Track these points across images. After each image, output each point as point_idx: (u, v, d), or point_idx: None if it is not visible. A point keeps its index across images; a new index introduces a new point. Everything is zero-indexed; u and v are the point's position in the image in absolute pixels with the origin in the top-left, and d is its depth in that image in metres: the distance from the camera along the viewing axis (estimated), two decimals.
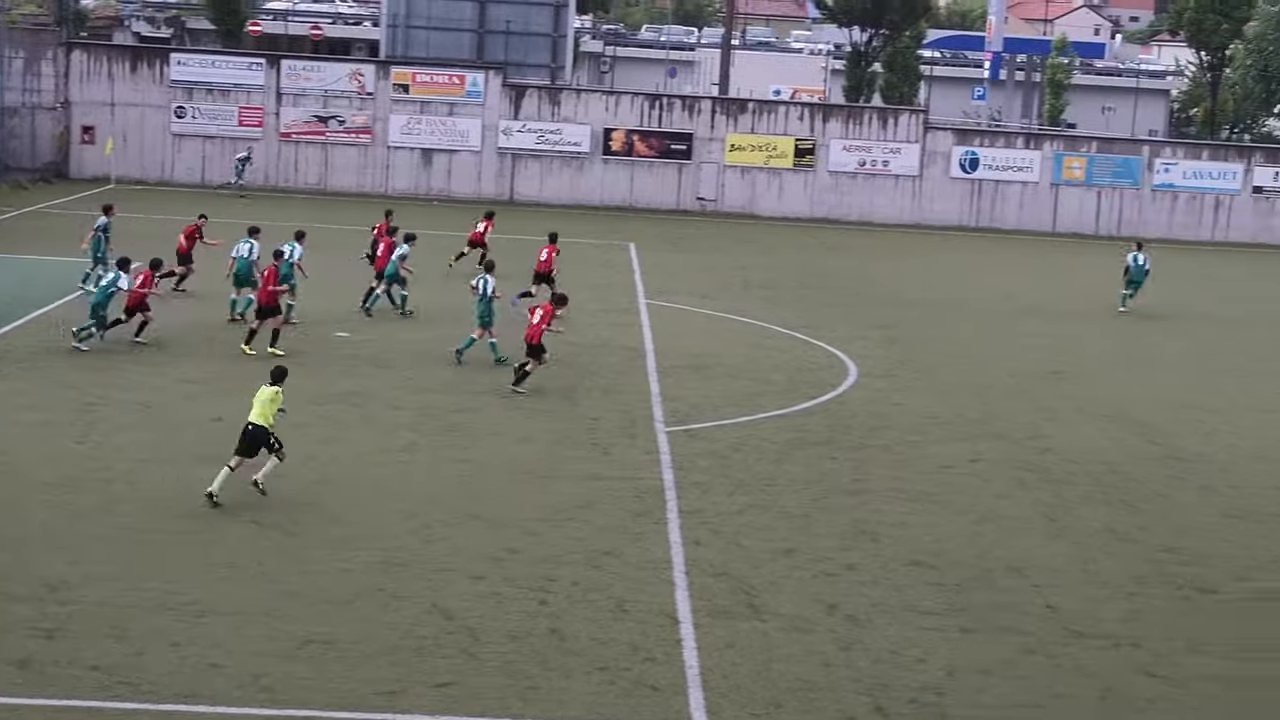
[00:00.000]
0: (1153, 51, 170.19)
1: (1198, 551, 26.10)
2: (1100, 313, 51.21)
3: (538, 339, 34.45)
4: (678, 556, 24.13)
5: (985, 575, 24.24)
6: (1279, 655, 21.67)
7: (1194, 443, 33.81)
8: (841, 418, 34.09)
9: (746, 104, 75.76)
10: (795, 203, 73.92)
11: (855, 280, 55.11)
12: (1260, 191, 76.30)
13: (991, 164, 75.27)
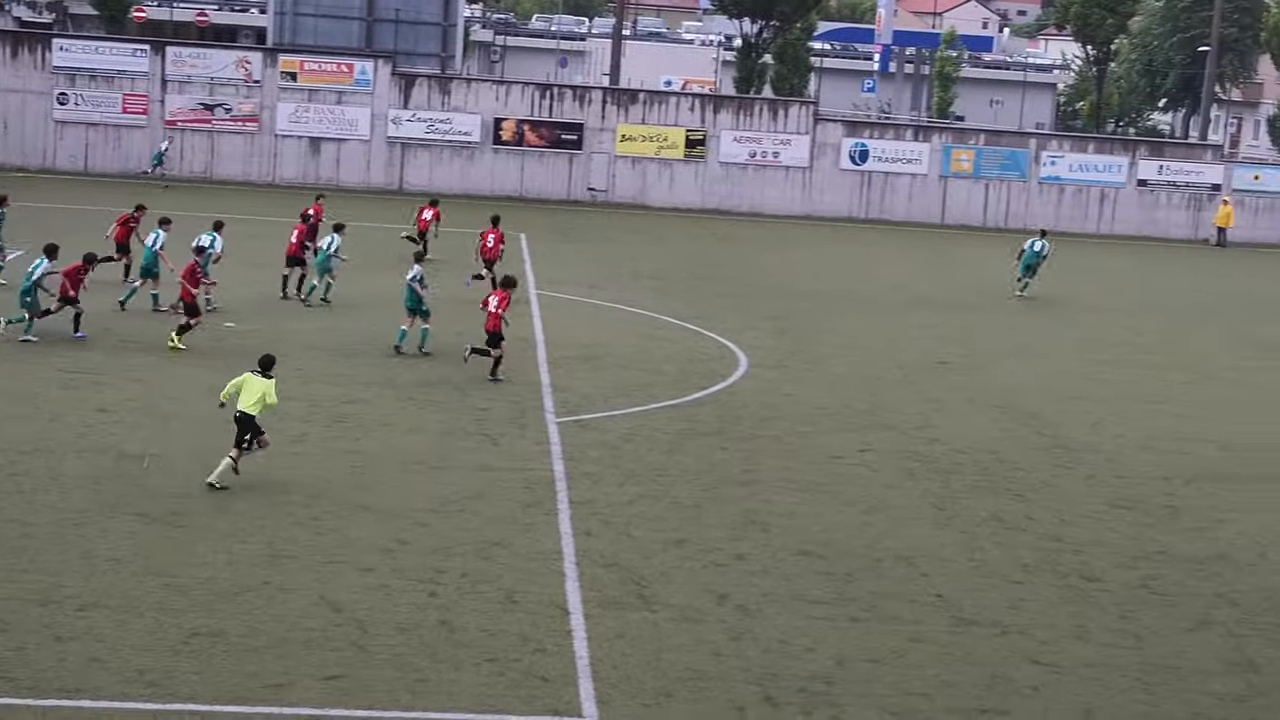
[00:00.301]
0: (1040, 45, 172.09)
1: (1083, 540, 26.34)
2: (989, 304, 51.63)
3: (498, 326, 34.86)
4: (568, 547, 24.07)
5: (874, 564, 24.34)
6: (1161, 643, 21.89)
7: (1081, 433, 34.12)
8: (732, 408, 34.15)
9: (637, 94, 75.76)
10: (686, 193, 74.02)
11: (746, 271, 55.24)
12: (1145, 185, 77.13)
13: (881, 156, 75.66)
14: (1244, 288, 59.71)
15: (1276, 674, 21.00)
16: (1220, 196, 76.55)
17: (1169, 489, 30.03)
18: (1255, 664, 21.32)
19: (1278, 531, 27.61)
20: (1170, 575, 24.85)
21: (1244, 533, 27.39)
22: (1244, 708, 19.88)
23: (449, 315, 39.17)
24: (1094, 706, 19.59)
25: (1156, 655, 21.43)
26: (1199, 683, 20.56)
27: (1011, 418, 35.04)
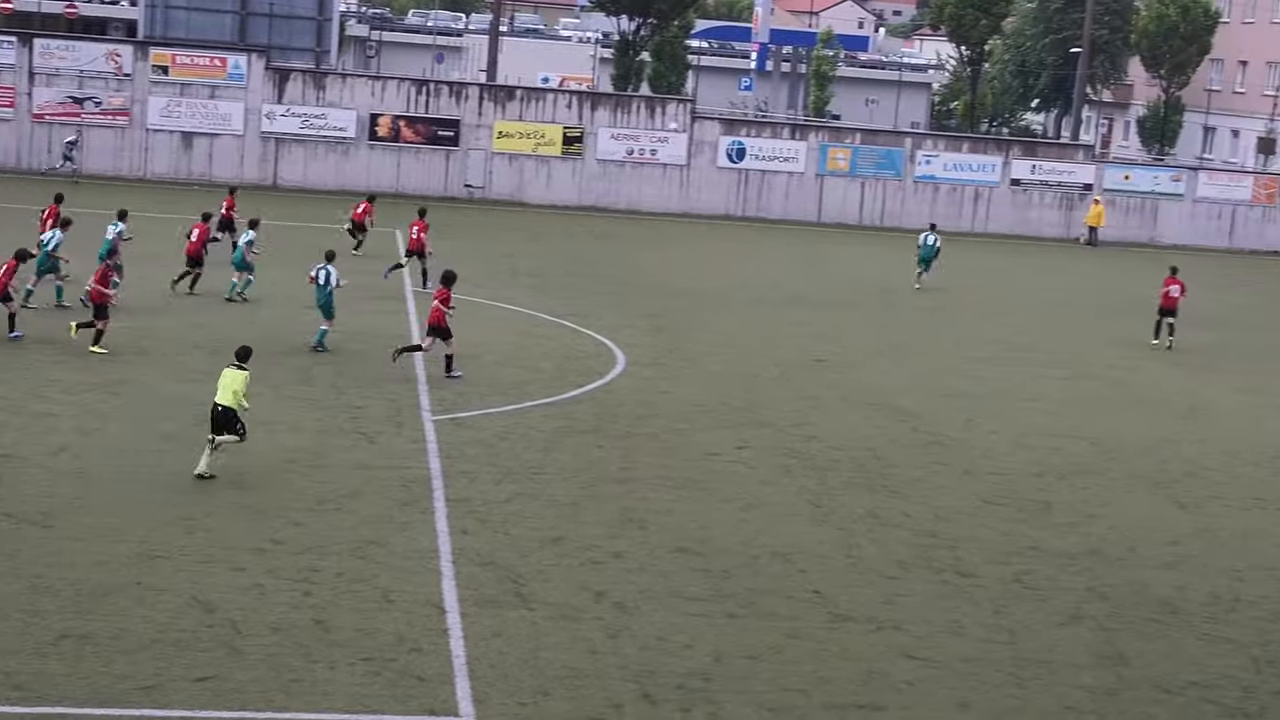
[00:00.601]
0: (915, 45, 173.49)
1: (958, 536, 26.56)
2: (864, 302, 51.94)
3: (442, 322, 34.99)
4: (444, 546, 23.97)
5: (751, 561, 24.41)
6: (1033, 637, 22.09)
7: (955, 430, 34.40)
8: (609, 406, 34.14)
9: (515, 91, 75.54)
10: (563, 190, 73.89)
11: (623, 269, 55.25)
12: (1018, 184, 77.87)
13: (758, 154, 75.88)
14: (1115, 286, 60.41)
15: (1146, 667, 21.27)
16: (1092, 196, 77.43)
17: (1042, 485, 30.35)
18: (1125, 657, 21.57)
19: (1148, 526, 27.97)
20: (1043, 570, 25.10)
21: (1115, 528, 27.72)
22: (1114, 700, 20.11)
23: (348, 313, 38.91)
24: (968, 700, 19.75)
25: (1029, 649, 21.64)
26: (1070, 676, 20.78)
27: (887, 415, 35.26)
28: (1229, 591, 24.74)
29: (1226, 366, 45.07)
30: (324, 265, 37.88)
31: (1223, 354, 47.04)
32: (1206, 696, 20.45)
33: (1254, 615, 23.71)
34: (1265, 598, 24.56)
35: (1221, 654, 21.98)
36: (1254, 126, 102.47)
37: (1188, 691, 20.57)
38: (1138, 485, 30.93)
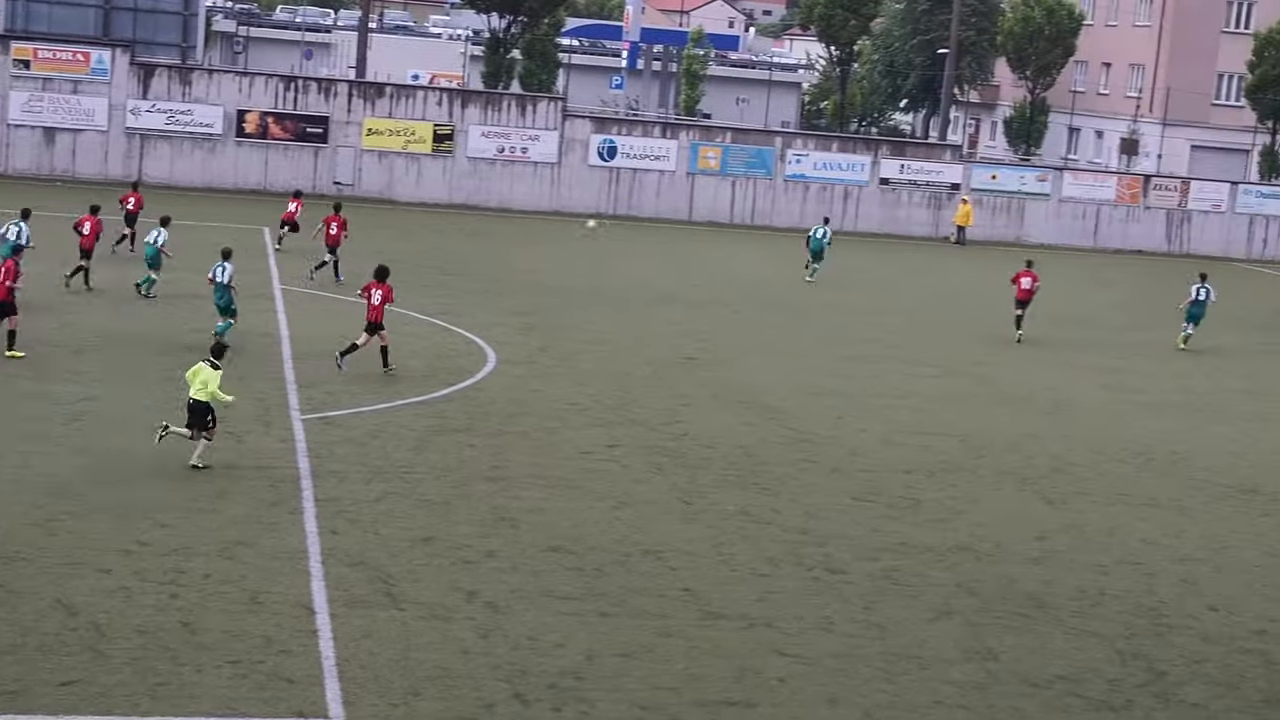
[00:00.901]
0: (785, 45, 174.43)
1: (828, 533, 26.70)
2: (736, 300, 52.10)
3: (380, 318, 35.60)
4: (314, 546, 23.78)
5: (623, 559, 24.42)
6: (903, 633, 22.24)
7: (825, 427, 34.59)
8: (481, 404, 34.04)
9: (384, 88, 75.14)
10: (434, 188, 73.59)
11: (494, 266, 55.10)
12: (887, 183, 78.48)
13: (629, 152, 75.96)
14: (982, 285, 60.98)
15: (1014, 661, 21.47)
16: (960, 195, 78.19)
17: (911, 482, 30.58)
18: (994, 652, 21.77)
19: (1015, 522, 28.26)
20: (912, 566, 25.29)
21: (983, 524, 27.98)
22: (983, 694, 20.28)
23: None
24: (839, 696, 19.85)
25: (899, 645, 21.78)
26: (940, 671, 20.95)
27: (757, 413, 35.39)
28: (1095, 586, 25.04)
29: (1090, 364, 45.64)
30: (221, 263, 37.76)
31: (1087, 351, 47.62)
32: (1073, 690, 20.68)
33: (1119, 609, 24.01)
34: (1129, 592, 24.89)
35: (1088, 648, 22.24)
36: (1117, 127, 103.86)
37: (1055, 685, 20.79)
38: (1005, 482, 31.25)
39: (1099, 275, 69.54)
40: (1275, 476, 33.42)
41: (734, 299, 52.41)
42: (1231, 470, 33.69)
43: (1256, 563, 27.07)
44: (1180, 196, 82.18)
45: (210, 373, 27.41)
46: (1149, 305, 60.45)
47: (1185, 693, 20.88)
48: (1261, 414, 40.35)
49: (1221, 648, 22.69)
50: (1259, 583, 25.94)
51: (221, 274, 37.51)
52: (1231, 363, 48.28)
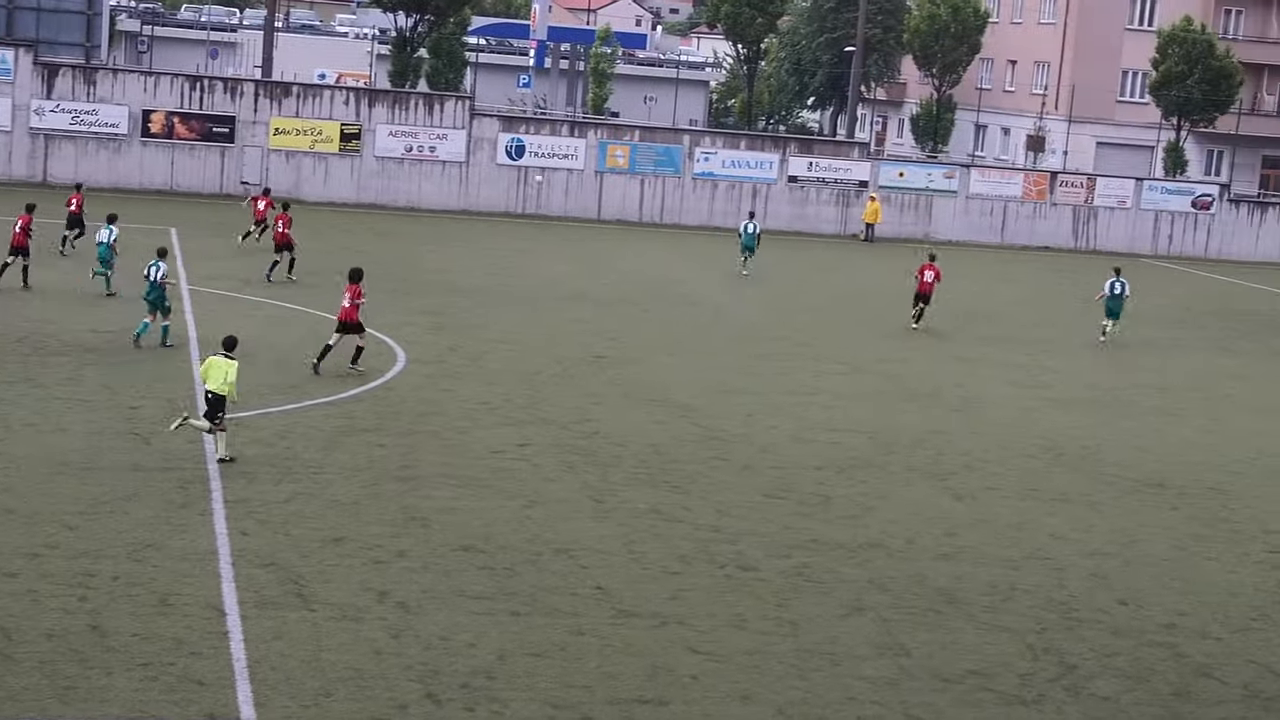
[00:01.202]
0: (692, 43, 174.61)
1: (740, 530, 26.73)
2: (645, 299, 52.13)
3: (354, 317, 36.16)
4: (223, 547, 23.59)
5: (535, 558, 24.36)
6: (815, 629, 22.29)
7: (735, 425, 34.64)
8: (391, 404, 33.90)
9: (291, 87, 74.73)
10: (341, 188, 73.27)
11: (403, 266, 54.87)
12: (795, 181, 78.74)
13: (537, 151, 75.86)
14: (891, 282, 61.26)
15: (926, 657, 21.56)
16: (868, 193, 78.54)
17: (822, 479, 30.67)
18: (906, 648, 21.86)
19: (925, 518, 28.39)
20: (823, 563, 25.35)
21: (894, 520, 28.10)
22: (895, 690, 20.35)
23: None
24: (751, 693, 19.87)
25: (811, 641, 21.83)
26: (852, 667, 21.00)
27: (668, 411, 35.40)
28: (1005, 581, 25.19)
29: (998, 360, 45.95)
30: (155, 261, 38.00)
31: (994, 348, 47.93)
32: (985, 685, 20.79)
33: (1030, 604, 24.16)
34: (1040, 586, 25.04)
35: (999, 642, 22.37)
36: (1023, 124, 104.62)
37: (966, 680, 20.89)
38: (915, 478, 31.39)
39: (1006, 272, 70.06)
40: (1182, 471, 33.74)
41: (643, 297, 52.44)
42: (1140, 465, 33.98)
43: (1165, 556, 27.32)
44: (1086, 193, 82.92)
45: (228, 364, 28.16)
46: (1055, 302, 60.95)
47: (1096, 686, 21.03)
48: (1168, 409, 40.74)
49: (1131, 641, 22.88)
50: (1168, 576, 26.17)
51: (153, 271, 37.69)
52: (1138, 358, 48.71)
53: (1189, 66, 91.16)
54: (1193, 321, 57.48)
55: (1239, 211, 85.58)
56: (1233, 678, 21.73)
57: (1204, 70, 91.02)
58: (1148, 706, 20.49)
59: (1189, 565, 26.93)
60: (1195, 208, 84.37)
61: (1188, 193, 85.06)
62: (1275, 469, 34.65)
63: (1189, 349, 51.51)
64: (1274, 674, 21.98)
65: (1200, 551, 27.81)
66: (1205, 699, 20.91)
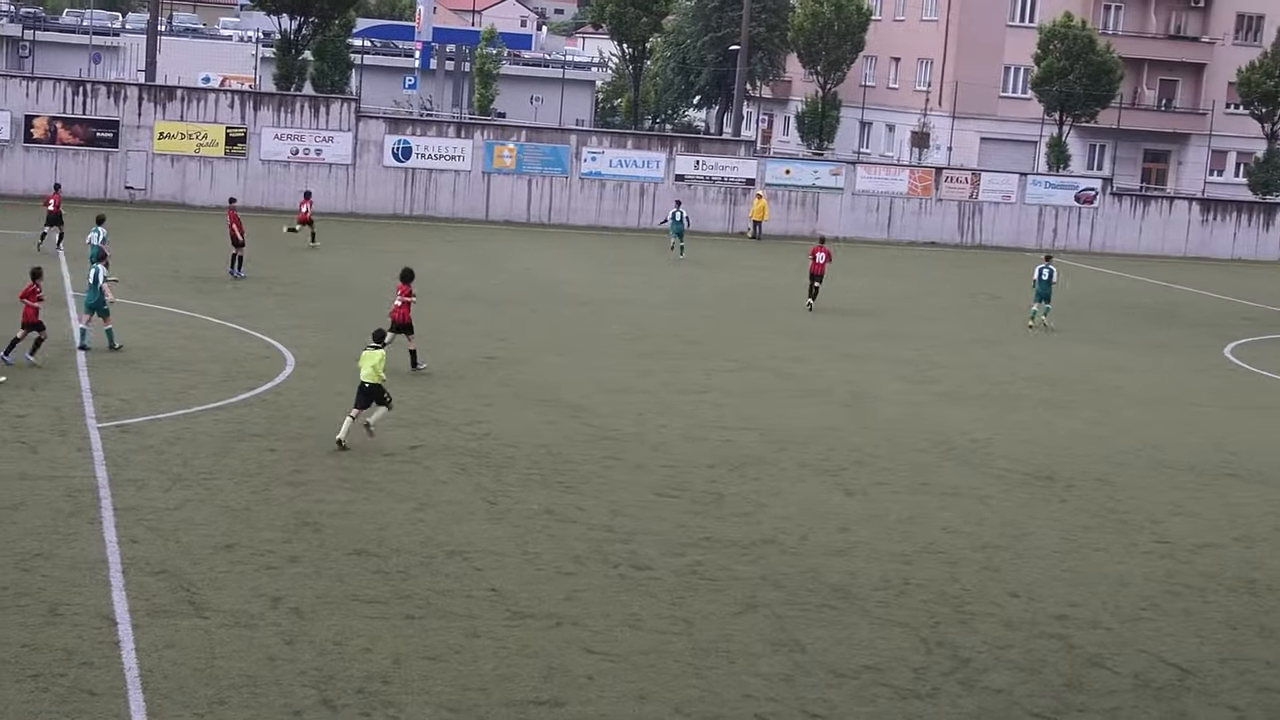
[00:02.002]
0: (577, 43, 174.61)
1: (633, 530, 26.74)
2: (534, 299, 52.07)
3: (406, 316, 38.03)
4: (114, 556, 23.34)
5: (428, 561, 24.27)
6: (710, 627, 22.33)
7: (627, 424, 34.67)
8: (281, 408, 33.68)
9: (175, 91, 74.14)
10: (228, 191, 72.40)
11: (291, 269, 54.52)
12: (682, 179, 78.95)
13: (424, 153, 75.69)
14: (779, 279, 61.55)
15: (821, 653, 21.65)
16: (755, 190, 78.84)
17: (714, 476, 30.74)
18: (801, 644, 21.94)
19: (819, 514, 28.52)
20: (717, 560, 25.41)
21: (787, 516, 28.21)
22: (791, 686, 20.42)
23: None
24: (648, 693, 19.88)
25: (706, 639, 21.87)
26: (748, 664, 21.05)
27: (559, 411, 35.38)
28: (898, 575, 25.35)
29: (887, 355, 46.23)
30: (97, 265, 38.56)
31: (883, 343, 48.22)
32: (880, 679, 20.90)
33: (923, 598, 24.32)
34: (933, 580, 25.21)
35: (893, 637, 22.50)
36: (908, 121, 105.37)
37: (862, 675, 20.99)
38: (807, 474, 31.53)
39: (893, 268, 70.51)
40: (1071, 463, 34.08)
41: (532, 298, 52.40)
42: (1029, 458, 34.29)
43: (1055, 548, 27.57)
44: (971, 188, 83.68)
45: (378, 355, 30.85)
46: (942, 297, 61.41)
47: (989, 679, 21.19)
48: (1055, 402, 41.13)
49: (1023, 633, 23.08)
50: (1058, 568, 26.42)
51: (93, 275, 38.03)
52: (1026, 351, 49.17)
53: (1070, 62, 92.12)
54: (1078, 315, 58.06)
55: (1122, 205, 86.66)
56: (1124, 667, 21.98)
57: (1085, 65, 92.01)
58: (1040, 698, 20.68)
59: (1079, 556, 27.21)
60: (1079, 202, 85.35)
61: (1071, 187, 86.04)
62: (1161, 460, 35.09)
63: (1075, 342, 52.05)
64: (1164, 663, 22.25)
65: (1090, 543, 28.11)
66: (1097, 689, 21.13)
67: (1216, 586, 26.02)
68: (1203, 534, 29.18)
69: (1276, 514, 31.07)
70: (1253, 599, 25.52)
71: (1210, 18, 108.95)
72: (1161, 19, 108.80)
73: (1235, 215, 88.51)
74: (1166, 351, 51.51)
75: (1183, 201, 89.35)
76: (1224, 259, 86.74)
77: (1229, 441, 37.62)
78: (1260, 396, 44.47)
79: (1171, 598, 25.26)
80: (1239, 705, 20.89)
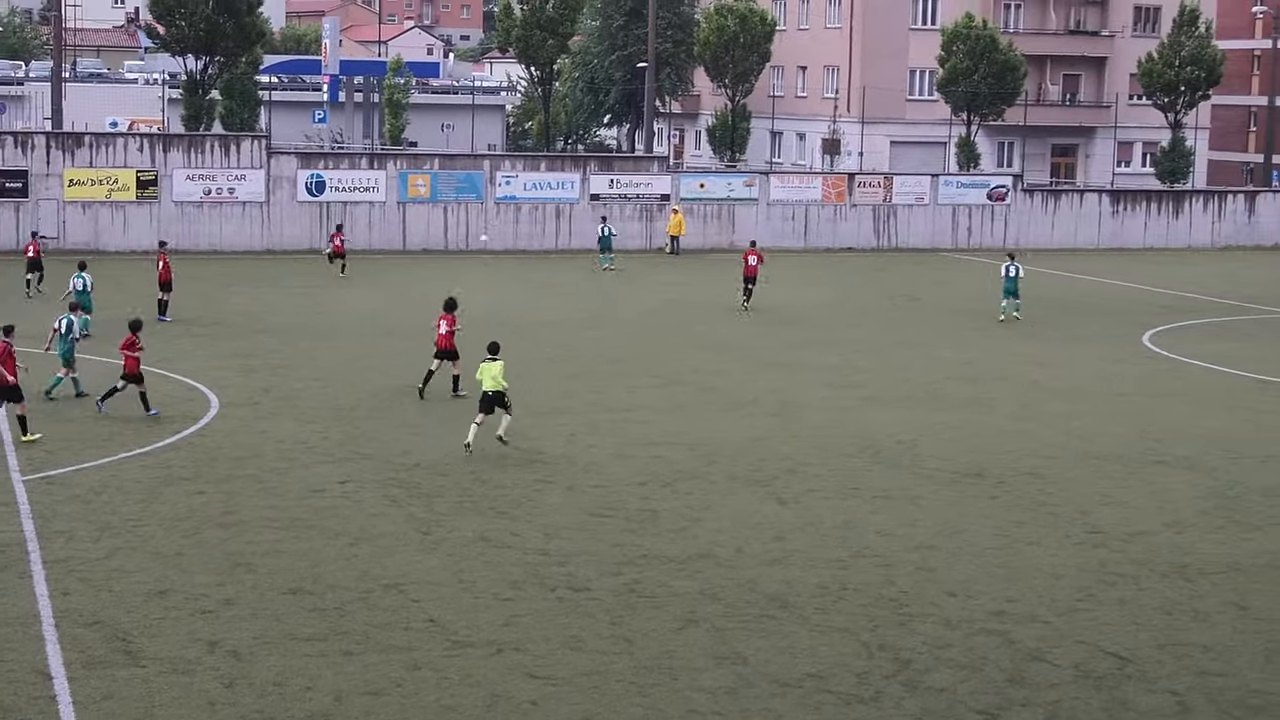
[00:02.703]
0: (485, 68, 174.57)
1: (569, 552, 26.70)
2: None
3: (451, 344, 39.41)
4: (45, 609, 23.11)
5: (365, 596, 24.15)
6: (652, 644, 22.32)
7: (556, 446, 34.63)
8: (207, 450, 33.46)
9: (83, 137, 73.62)
10: (141, 235, 72.23)
11: (208, 309, 54.21)
12: (598, 198, 79.01)
13: (338, 186, 75.46)
14: (698, 294, 61.66)
15: (763, 663, 21.67)
16: (670, 206, 78.97)
17: (647, 493, 30.74)
18: (743, 656, 21.95)
19: (753, 525, 28.56)
20: (655, 577, 25.40)
21: (721, 530, 28.23)
22: (735, 699, 20.42)
23: None
24: (592, 714, 19.84)
25: (648, 657, 21.85)
26: (690, 680, 21.04)
27: (488, 437, 35.26)
28: (835, 581, 25.41)
29: (810, 363, 46.38)
30: (67, 314, 39.03)
31: (806, 351, 48.35)
32: (823, 686, 20.93)
33: (861, 602, 24.39)
34: (869, 584, 25.29)
35: (834, 643, 22.55)
36: (818, 129, 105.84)
37: (805, 683, 21.02)
38: (739, 486, 31.57)
39: (811, 275, 70.71)
40: (999, 459, 34.27)
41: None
42: (957, 456, 34.46)
43: (989, 545, 27.71)
44: (884, 192, 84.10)
45: (495, 365, 33.67)
46: (862, 301, 61.66)
47: (931, 679, 21.26)
48: (979, 399, 41.35)
49: (962, 631, 23.18)
50: (993, 564, 26.55)
51: (65, 325, 38.50)
52: (947, 350, 49.42)
53: (974, 62, 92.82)
54: (996, 311, 58.43)
55: (1033, 201, 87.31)
56: (1063, 659, 22.10)
57: (989, 65, 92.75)
58: (983, 695, 20.76)
59: (1013, 552, 27.35)
60: (991, 200, 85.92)
61: (983, 185, 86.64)
62: (1088, 451, 35.32)
63: (995, 338, 52.38)
64: (1103, 652, 22.39)
65: (1023, 537, 28.27)
66: (1038, 683, 21.23)
67: (1150, 574, 26.22)
68: (1133, 522, 29.40)
69: (1204, 498, 31.36)
70: (1186, 584, 25.72)
71: (1109, 11, 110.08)
72: (1061, 15, 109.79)
73: (1145, 205, 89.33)
74: (1086, 343, 51.90)
75: (1093, 194, 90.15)
76: (1137, 248, 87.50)
77: (1153, 429, 37.93)
78: (1180, 383, 44.87)
79: (1106, 587, 25.44)
80: (1178, 690, 21.05)
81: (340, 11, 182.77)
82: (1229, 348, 51.37)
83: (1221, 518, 29.92)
